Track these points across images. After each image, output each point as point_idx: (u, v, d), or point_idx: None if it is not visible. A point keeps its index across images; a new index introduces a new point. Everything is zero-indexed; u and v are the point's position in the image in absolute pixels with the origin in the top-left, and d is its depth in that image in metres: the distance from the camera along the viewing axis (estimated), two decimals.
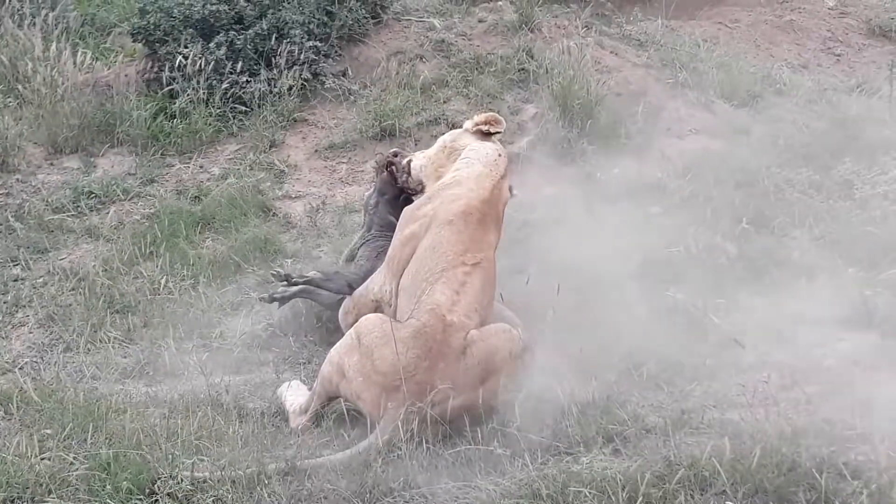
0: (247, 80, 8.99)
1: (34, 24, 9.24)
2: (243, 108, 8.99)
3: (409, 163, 6.41)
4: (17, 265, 7.41)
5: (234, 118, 8.97)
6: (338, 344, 5.76)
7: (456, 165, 6.14)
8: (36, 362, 6.44)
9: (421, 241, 5.88)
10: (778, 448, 4.75)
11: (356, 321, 5.81)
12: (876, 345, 5.85)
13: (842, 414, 5.06)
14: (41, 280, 7.28)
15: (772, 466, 4.68)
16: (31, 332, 6.75)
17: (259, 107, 8.95)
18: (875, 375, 5.51)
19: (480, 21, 10.10)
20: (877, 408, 5.07)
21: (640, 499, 4.55)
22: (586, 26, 9.90)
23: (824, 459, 4.70)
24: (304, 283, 6.43)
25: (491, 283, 5.88)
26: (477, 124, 6.25)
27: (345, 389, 5.61)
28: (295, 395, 5.92)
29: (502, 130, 6.29)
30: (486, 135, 6.22)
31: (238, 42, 9.03)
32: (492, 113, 6.35)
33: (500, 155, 6.16)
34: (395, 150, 6.80)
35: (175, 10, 9.21)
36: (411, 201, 6.30)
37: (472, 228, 5.85)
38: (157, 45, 9.19)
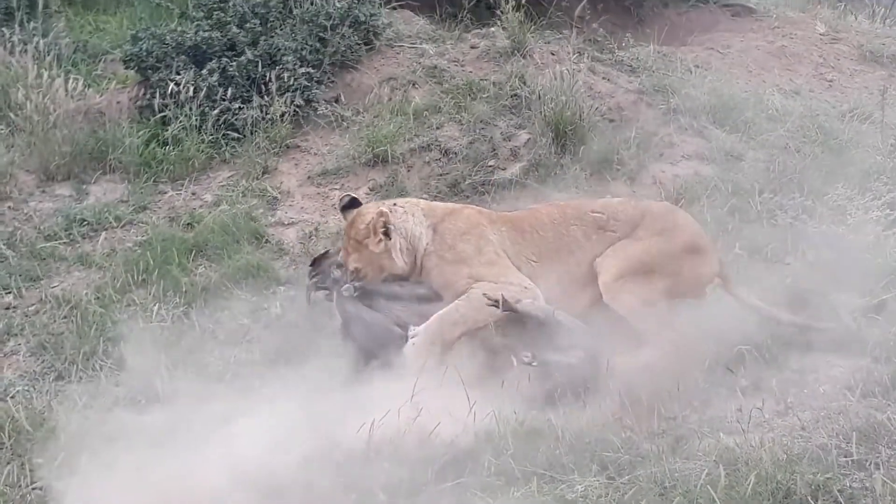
0: (239, 107, 8.99)
1: (26, 51, 9.24)
2: (236, 135, 8.98)
3: None
4: (8, 293, 7.38)
5: (226, 145, 8.96)
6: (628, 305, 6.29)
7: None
8: (28, 391, 6.42)
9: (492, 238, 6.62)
10: (773, 475, 4.75)
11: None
12: (870, 371, 5.86)
13: (836, 440, 5.06)
14: (33, 308, 7.26)
15: (767, 494, 4.68)
16: (22, 361, 6.74)
17: (251, 133, 8.95)
18: (869, 401, 5.51)
19: (473, 47, 10.12)
20: (871, 434, 5.07)
21: None
22: (578, 52, 9.91)
23: (819, 486, 4.70)
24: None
25: None
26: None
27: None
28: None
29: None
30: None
31: (230, 69, 9.04)
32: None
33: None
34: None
35: (167, 37, 9.23)
36: None
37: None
38: (150, 71, 9.19)
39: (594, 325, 6.24)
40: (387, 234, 6.61)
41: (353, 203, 6.99)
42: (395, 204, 6.83)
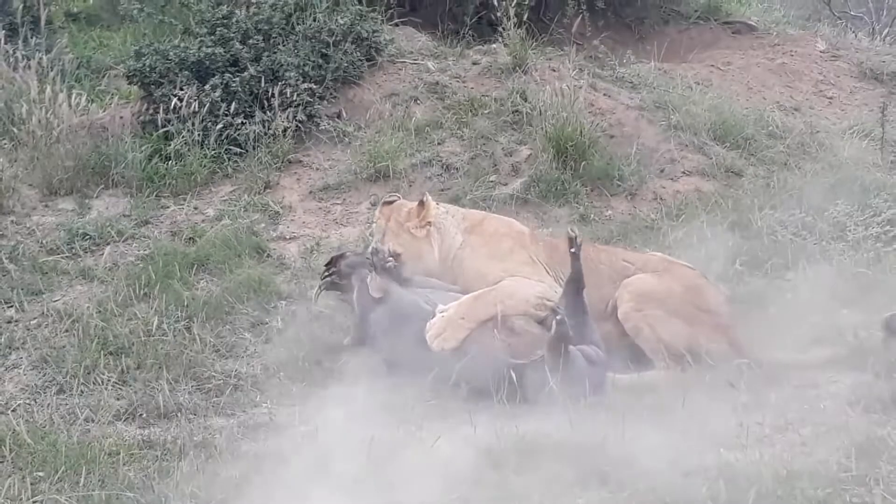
0: (242, 122, 9.01)
1: (29, 66, 9.24)
2: (238, 150, 9.00)
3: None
4: (10, 307, 7.38)
5: (228, 160, 8.98)
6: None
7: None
8: (29, 404, 6.41)
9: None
10: (773, 490, 4.74)
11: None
12: (870, 386, 5.86)
13: (837, 456, 5.06)
14: (35, 322, 7.25)
15: None
16: (24, 374, 6.72)
17: (254, 148, 8.97)
18: (869, 417, 5.51)
19: (474, 63, 10.15)
20: (872, 450, 5.07)
21: None
22: (579, 69, 9.94)
23: (820, 502, 4.69)
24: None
25: None
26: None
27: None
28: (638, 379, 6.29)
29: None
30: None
31: (233, 84, 9.07)
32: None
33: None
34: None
35: (170, 53, 9.25)
36: None
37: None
38: (153, 87, 9.22)
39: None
40: (429, 222, 6.84)
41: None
42: (437, 203, 7.03)
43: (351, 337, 6.85)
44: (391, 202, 7.12)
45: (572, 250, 6.16)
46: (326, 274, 7.01)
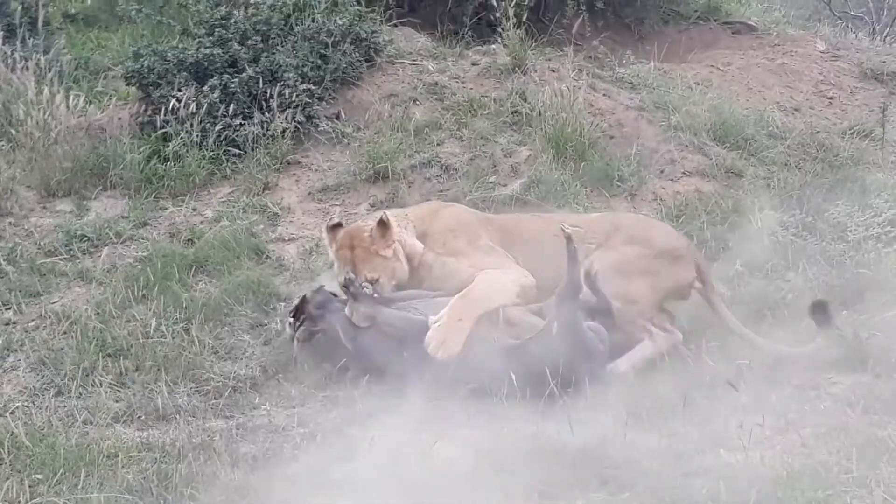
0: (240, 123, 8.98)
1: (27, 67, 9.22)
2: (237, 151, 8.97)
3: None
4: (8, 309, 7.36)
5: (227, 161, 8.95)
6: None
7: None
8: (27, 406, 6.40)
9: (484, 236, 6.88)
10: (773, 491, 4.74)
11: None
12: (870, 387, 5.85)
13: (837, 457, 5.05)
14: (33, 324, 7.24)
15: None
16: (22, 376, 6.71)
17: (252, 149, 8.94)
18: (870, 418, 5.50)
19: (474, 64, 10.12)
20: (872, 451, 5.06)
21: None
22: (579, 69, 9.91)
23: (820, 503, 4.68)
24: None
25: None
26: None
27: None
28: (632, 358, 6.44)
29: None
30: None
31: (232, 85, 9.04)
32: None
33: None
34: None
35: (169, 54, 9.23)
36: None
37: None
38: (151, 88, 9.19)
39: None
40: (394, 240, 6.78)
41: (340, 226, 7.12)
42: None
43: (352, 370, 6.67)
44: (337, 226, 7.10)
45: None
46: (299, 325, 6.78)
